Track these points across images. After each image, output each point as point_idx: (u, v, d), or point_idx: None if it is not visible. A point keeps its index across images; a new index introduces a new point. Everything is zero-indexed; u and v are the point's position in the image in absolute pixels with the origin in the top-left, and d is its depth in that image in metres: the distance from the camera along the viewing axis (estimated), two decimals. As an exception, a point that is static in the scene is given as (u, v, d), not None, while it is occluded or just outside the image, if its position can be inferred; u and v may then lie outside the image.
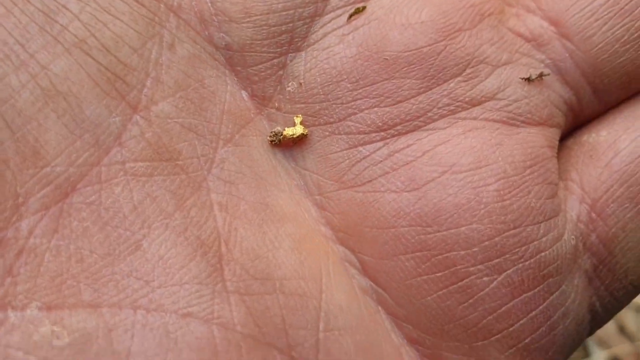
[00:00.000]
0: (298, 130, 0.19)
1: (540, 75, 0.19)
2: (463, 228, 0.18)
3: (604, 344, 0.66)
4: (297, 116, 0.19)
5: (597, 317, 0.20)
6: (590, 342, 0.66)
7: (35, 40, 0.16)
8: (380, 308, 0.18)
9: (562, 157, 0.20)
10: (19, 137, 0.15)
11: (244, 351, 0.15)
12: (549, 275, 0.18)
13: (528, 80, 0.19)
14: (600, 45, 0.19)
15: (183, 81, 0.18)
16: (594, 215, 0.19)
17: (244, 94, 0.19)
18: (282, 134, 0.19)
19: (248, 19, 0.18)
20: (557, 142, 0.20)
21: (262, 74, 0.19)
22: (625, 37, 0.19)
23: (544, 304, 0.18)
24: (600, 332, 0.67)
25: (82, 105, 0.16)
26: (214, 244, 0.16)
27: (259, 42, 0.19)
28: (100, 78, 0.16)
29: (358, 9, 0.19)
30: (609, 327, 0.68)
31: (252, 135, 0.18)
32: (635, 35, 0.19)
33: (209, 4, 0.18)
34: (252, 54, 0.19)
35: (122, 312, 0.15)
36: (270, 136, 0.19)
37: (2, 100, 0.15)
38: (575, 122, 0.21)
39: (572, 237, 0.19)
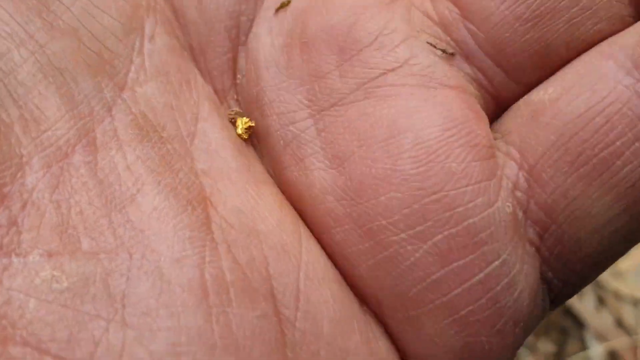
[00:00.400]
0: (244, 134, 0.20)
1: (444, 51, 0.19)
2: (382, 197, 0.18)
3: (601, 338, 0.66)
4: (240, 118, 0.20)
5: (556, 289, 0.19)
6: (588, 335, 0.66)
7: (33, 24, 0.17)
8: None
9: (508, 118, 0.19)
10: (22, 105, 0.16)
11: (232, 295, 0.16)
12: (481, 242, 0.18)
13: (434, 47, 0.19)
14: (500, 24, 0.19)
15: (163, 68, 0.19)
16: (532, 180, 0.18)
17: (209, 88, 0.20)
18: (237, 113, 0.20)
19: (203, 18, 0.20)
20: (479, 109, 0.19)
21: (220, 68, 0.20)
22: (526, 15, 0.18)
23: (481, 274, 0.18)
24: (597, 326, 0.67)
25: (77, 80, 0.17)
26: (201, 203, 0.17)
27: (213, 38, 0.20)
28: (91, 60, 0.18)
29: (283, 3, 0.20)
30: (607, 321, 0.68)
31: (224, 117, 0.20)
32: (538, 11, 0.18)
33: (171, 10, 0.20)
34: (210, 50, 0.20)
35: (118, 257, 0.16)
36: (229, 114, 0.20)
37: (5, 73, 0.16)
38: (497, 104, 0.20)
39: (508, 204, 0.18)
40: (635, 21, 0.19)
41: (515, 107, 0.19)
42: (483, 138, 0.18)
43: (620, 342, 0.65)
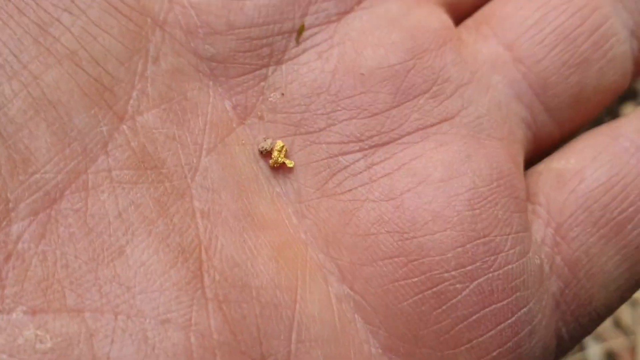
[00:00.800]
0: (281, 160, 0.19)
1: None
2: (437, 234, 0.19)
3: (599, 338, 0.66)
4: (279, 142, 0.20)
5: (563, 343, 0.21)
6: None
7: (28, 51, 0.16)
8: (356, 316, 0.19)
9: (532, 182, 0.21)
10: (11, 145, 0.15)
11: (218, 358, 0.16)
12: (516, 288, 0.19)
13: None
14: (549, 68, 0.21)
15: (167, 94, 0.18)
16: (558, 238, 0.20)
17: (227, 103, 0.19)
18: (267, 151, 0.19)
19: (231, 32, 0.19)
20: (521, 160, 0.21)
21: (245, 84, 0.20)
22: (570, 61, 0.21)
23: (512, 318, 0.19)
24: None
25: (71, 114, 0.16)
26: (195, 251, 0.17)
27: (241, 53, 0.19)
28: (89, 88, 0.17)
29: (300, 28, 0.20)
30: (605, 321, 0.68)
31: (234, 145, 0.19)
32: (579, 60, 0.22)
33: (195, 17, 0.19)
34: (235, 65, 0.19)
35: (103, 317, 0.15)
36: (260, 149, 0.20)
37: None
38: (535, 141, 0.22)
39: (537, 257, 0.20)
40: (634, 75, 0.23)
41: (536, 172, 0.22)
42: (522, 191, 0.20)
43: (618, 342, 0.65)
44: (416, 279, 0.19)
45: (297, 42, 0.20)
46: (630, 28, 0.22)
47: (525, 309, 0.19)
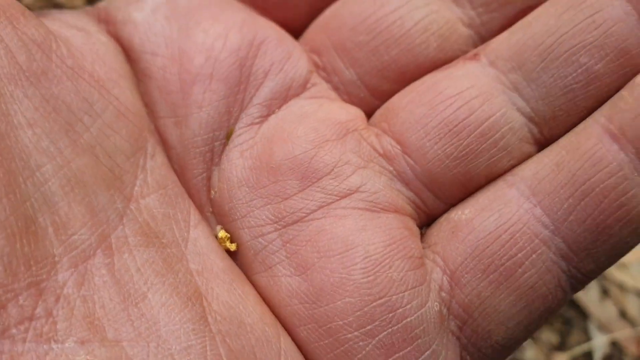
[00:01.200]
0: (226, 245, 0.23)
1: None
2: (339, 302, 0.21)
3: (605, 329, 0.67)
4: (222, 231, 0.24)
5: None
6: (591, 326, 0.67)
7: (62, 141, 0.21)
8: None
9: (434, 232, 0.24)
10: (54, 212, 0.20)
11: None
12: (416, 337, 0.21)
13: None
14: (433, 161, 0.23)
15: (162, 182, 0.23)
16: (453, 284, 0.22)
17: (191, 202, 0.24)
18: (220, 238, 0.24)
19: (181, 144, 0.24)
20: (414, 226, 0.23)
21: (197, 187, 0.24)
22: (455, 154, 0.23)
23: None
24: (601, 317, 0.67)
25: (97, 192, 0.21)
26: (198, 299, 0.21)
27: (190, 161, 0.24)
28: (105, 175, 0.21)
29: (229, 132, 0.24)
30: (611, 312, 0.69)
31: (208, 225, 0.24)
32: (464, 152, 0.23)
33: (157, 135, 0.24)
34: (188, 172, 0.24)
35: (138, 345, 0.19)
36: (215, 235, 0.24)
37: (42, 182, 0.20)
38: (428, 217, 0.24)
39: (436, 303, 0.22)
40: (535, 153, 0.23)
41: (438, 223, 0.24)
42: (416, 251, 0.23)
43: (623, 333, 0.66)
44: (327, 341, 0.22)
45: (226, 144, 0.24)
46: (528, 114, 0.23)
47: (428, 352, 0.22)
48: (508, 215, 0.22)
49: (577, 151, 0.22)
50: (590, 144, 0.22)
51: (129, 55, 0.25)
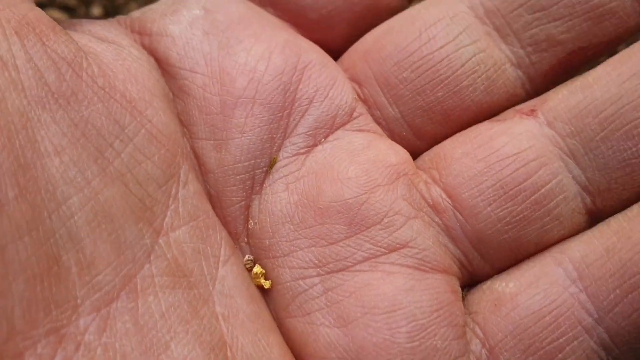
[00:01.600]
0: (259, 282, 0.22)
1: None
2: None
3: None
4: (257, 267, 0.23)
5: None
6: None
7: (91, 170, 0.19)
8: None
9: (475, 300, 0.23)
10: (79, 249, 0.19)
11: None
12: None
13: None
14: (485, 222, 0.22)
15: (194, 213, 0.22)
16: (491, 359, 0.22)
17: (224, 232, 0.23)
18: (252, 262, 0.23)
19: (220, 169, 0.23)
20: (459, 289, 0.23)
21: (234, 214, 0.23)
22: (507, 219, 0.22)
23: None
24: None
25: (124, 227, 0.20)
26: (222, 349, 0.20)
27: (229, 188, 0.23)
28: (135, 206, 0.20)
29: (272, 161, 0.23)
30: None
31: (239, 259, 0.23)
32: (517, 218, 0.22)
33: (195, 159, 0.23)
34: (225, 198, 0.23)
35: None
36: (245, 262, 0.23)
37: (68, 217, 0.19)
38: (472, 279, 0.23)
39: None
40: (589, 226, 0.23)
41: (481, 290, 0.23)
42: (460, 318, 0.22)
43: None
44: None
45: (269, 173, 0.23)
46: (583, 183, 0.22)
47: None
48: (553, 297, 0.22)
49: (628, 240, 0.21)
50: None
51: (165, 70, 0.23)
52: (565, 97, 0.23)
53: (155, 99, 0.22)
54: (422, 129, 0.24)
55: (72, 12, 0.55)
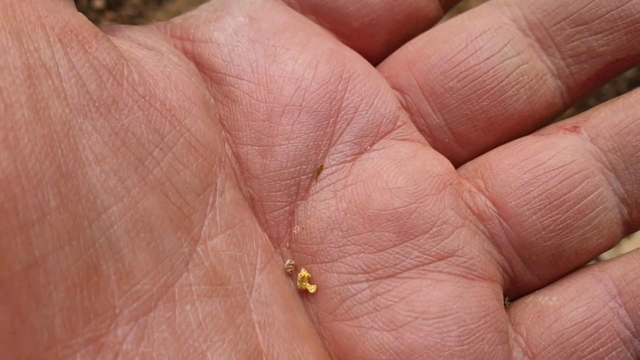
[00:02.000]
0: (304, 286, 0.23)
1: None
2: None
3: None
4: (303, 271, 0.23)
5: None
6: None
7: (131, 179, 0.19)
8: None
9: (519, 312, 0.24)
10: (118, 259, 0.19)
11: None
12: None
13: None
14: (530, 230, 0.23)
15: (231, 221, 0.22)
16: None
17: (265, 235, 0.23)
18: (294, 267, 0.23)
19: (265, 175, 0.23)
20: (502, 296, 0.24)
21: (277, 219, 0.23)
22: (552, 227, 0.23)
23: None
24: None
25: (163, 236, 0.20)
26: (257, 358, 0.20)
27: (273, 193, 0.23)
28: (174, 215, 0.20)
29: (319, 168, 0.23)
30: None
31: (276, 266, 0.23)
32: (561, 226, 0.23)
33: (236, 163, 0.23)
34: (269, 203, 0.23)
35: None
36: (286, 271, 0.23)
37: (107, 226, 0.19)
38: (513, 286, 0.24)
39: None
40: (624, 236, 0.24)
41: (524, 303, 0.24)
42: (504, 324, 0.23)
43: None
44: None
45: (316, 180, 0.23)
46: (622, 195, 0.24)
47: None
48: (594, 310, 0.23)
49: None
50: None
51: (209, 76, 0.24)
52: (608, 116, 0.24)
53: (195, 107, 0.22)
54: (466, 136, 0.25)
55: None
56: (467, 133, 0.25)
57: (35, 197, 0.17)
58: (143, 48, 0.23)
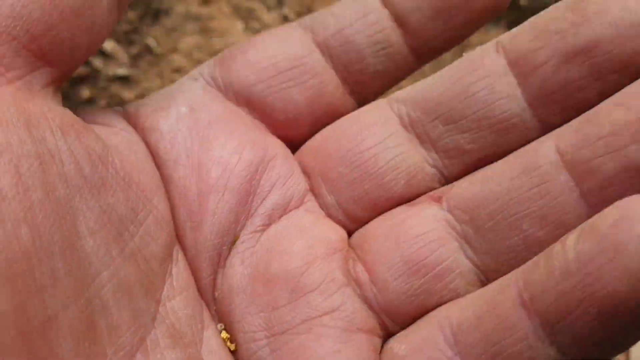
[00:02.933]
0: (228, 344, 0.26)
1: None
2: None
3: None
4: (223, 332, 0.26)
5: None
6: None
7: (114, 249, 0.23)
8: None
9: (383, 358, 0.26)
10: (108, 316, 0.22)
11: None
12: None
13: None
14: (394, 294, 0.25)
15: (184, 285, 0.25)
16: None
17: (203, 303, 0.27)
18: (223, 327, 0.26)
19: (196, 247, 0.26)
20: (379, 347, 0.26)
21: (205, 287, 0.27)
22: (411, 292, 0.25)
23: None
24: None
25: (138, 297, 0.23)
26: None
27: (201, 263, 0.26)
28: (144, 280, 0.24)
29: (235, 239, 0.27)
30: None
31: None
32: (419, 290, 0.25)
33: (173, 237, 0.26)
34: (200, 272, 0.26)
35: None
36: (219, 327, 0.26)
37: (100, 288, 0.22)
38: (389, 336, 0.27)
39: None
40: None
41: (385, 350, 0.26)
42: None
43: None
44: None
45: (229, 250, 0.27)
46: (475, 263, 0.25)
47: None
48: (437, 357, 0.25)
49: (494, 311, 0.24)
50: (506, 307, 0.24)
51: (155, 161, 0.27)
52: (466, 188, 0.26)
53: (158, 188, 0.26)
54: (353, 215, 0.28)
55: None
56: (355, 212, 0.28)
57: (48, 265, 0.20)
58: (117, 135, 0.26)
